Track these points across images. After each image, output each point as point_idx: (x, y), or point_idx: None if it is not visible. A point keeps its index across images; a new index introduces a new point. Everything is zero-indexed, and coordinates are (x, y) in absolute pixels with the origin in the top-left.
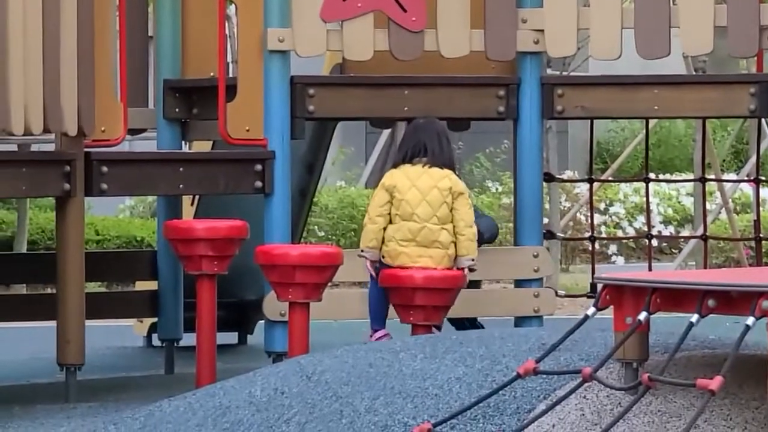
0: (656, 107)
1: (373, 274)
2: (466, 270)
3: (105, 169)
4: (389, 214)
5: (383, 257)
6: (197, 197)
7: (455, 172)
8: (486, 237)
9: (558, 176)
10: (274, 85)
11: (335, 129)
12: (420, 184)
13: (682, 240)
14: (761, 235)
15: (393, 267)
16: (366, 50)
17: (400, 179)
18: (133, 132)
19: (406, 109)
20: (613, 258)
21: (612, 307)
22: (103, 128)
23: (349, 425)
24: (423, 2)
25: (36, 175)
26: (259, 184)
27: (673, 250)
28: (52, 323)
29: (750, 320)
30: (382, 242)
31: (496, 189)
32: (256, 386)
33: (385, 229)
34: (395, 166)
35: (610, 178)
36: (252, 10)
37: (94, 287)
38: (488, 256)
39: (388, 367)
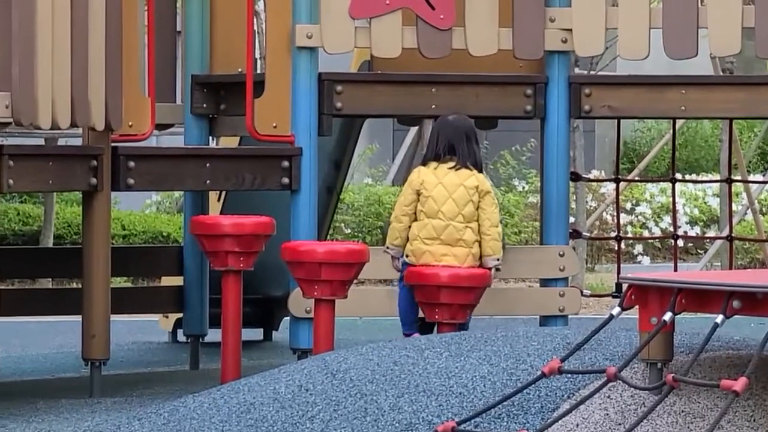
0: (683, 108)
1: (398, 268)
2: (493, 270)
3: (132, 164)
4: (415, 212)
5: (407, 256)
6: (224, 193)
7: (482, 172)
8: None
9: (585, 176)
10: (302, 81)
11: (362, 126)
12: (446, 182)
13: (708, 240)
14: None
15: (416, 266)
16: (394, 47)
17: (427, 176)
18: (160, 127)
19: (433, 106)
20: (639, 258)
21: (637, 306)
22: (130, 123)
23: (374, 423)
24: (451, 0)
25: (63, 170)
26: (285, 180)
27: (699, 251)
28: (78, 318)
29: None
30: (407, 240)
31: (523, 188)
32: (280, 383)
33: (410, 227)
34: (424, 163)
35: (636, 178)
36: (280, 6)
37: (119, 282)
38: (514, 254)
39: (413, 365)
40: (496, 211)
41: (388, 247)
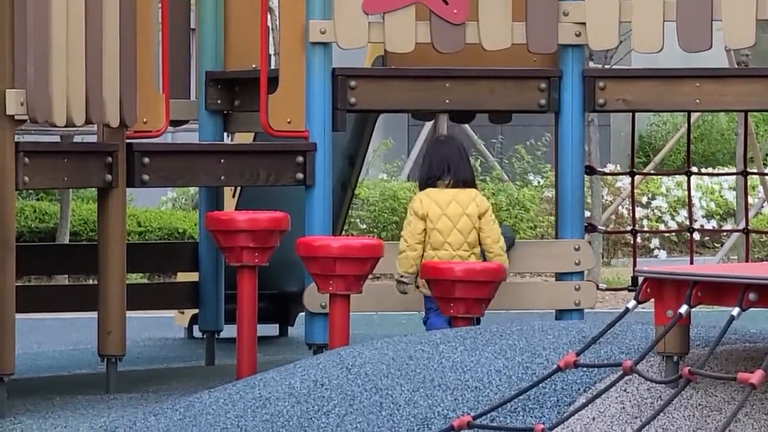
0: (698, 101)
1: (405, 292)
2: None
3: (147, 160)
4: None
5: (418, 287)
6: (239, 189)
7: (476, 187)
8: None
9: (600, 169)
10: (316, 77)
11: (377, 121)
12: (450, 212)
13: (724, 234)
14: None
15: (429, 296)
16: (408, 42)
17: (431, 207)
18: (175, 123)
19: (447, 101)
20: (655, 251)
21: (653, 300)
22: (145, 120)
23: (389, 417)
24: None
25: (78, 167)
26: (300, 175)
27: (715, 244)
28: (94, 314)
29: None
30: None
31: (538, 182)
32: (296, 378)
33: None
34: (422, 187)
35: (652, 172)
36: (294, 2)
37: (135, 278)
38: (530, 249)
39: (428, 360)
40: (495, 227)
41: (402, 276)
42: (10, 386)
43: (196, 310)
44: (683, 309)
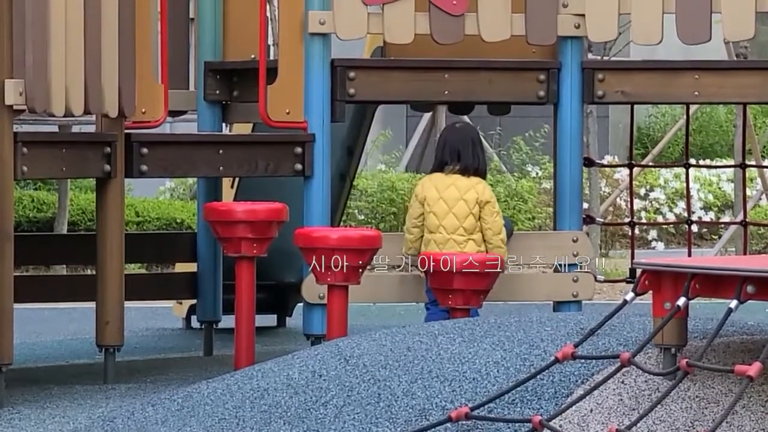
0: (697, 93)
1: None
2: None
3: (145, 150)
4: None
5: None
6: (237, 179)
7: (485, 177)
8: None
9: (598, 161)
10: (315, 67)
11: (375, 112)
12: (447, 196)
13: (722, 226)
14: None
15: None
16: (407, 33)
17: (430, 191)
18: (173, 114)
19: (446, 92)
20: (653, 243)
21: (651, 292)
22: (143, 110)
23: (387, 408)
24: None
25: (76, 157)
26: (298, 166)
27: (713, 236)
28: (92, 304)
29: None
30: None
31: (536, 173)
32: (294, 369)
33: (422, 237)
34: (431, 172)
35: (650, 164)
36: None
37: (133, 269)
38: (528, 240)
39: (426, 351)
40: (498, 219)
41: (405, 254)
42: (8, 376)
43: (194, 301)
44: (681, 301)
